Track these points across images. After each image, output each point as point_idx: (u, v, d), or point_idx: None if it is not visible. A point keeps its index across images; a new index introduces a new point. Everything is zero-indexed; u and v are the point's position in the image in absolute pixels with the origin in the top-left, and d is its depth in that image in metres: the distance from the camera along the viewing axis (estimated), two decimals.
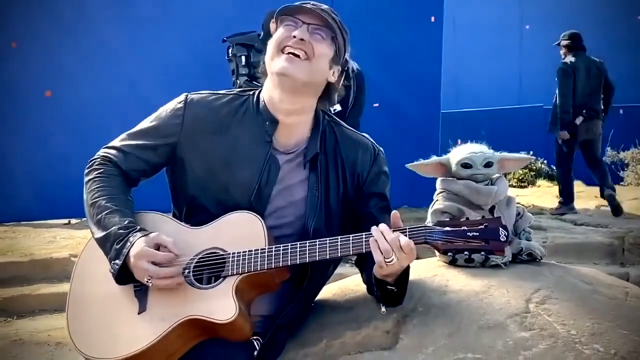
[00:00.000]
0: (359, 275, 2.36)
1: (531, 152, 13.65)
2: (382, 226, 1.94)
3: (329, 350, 2.13)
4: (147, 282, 1.98)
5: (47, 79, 8.34)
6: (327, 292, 2.46)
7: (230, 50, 7.72)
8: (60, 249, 6.66)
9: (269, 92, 2.23)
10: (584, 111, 8.83)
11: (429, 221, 2.37)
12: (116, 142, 2.26)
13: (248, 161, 2.18)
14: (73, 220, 8.33)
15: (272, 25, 7.26)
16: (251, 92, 2.29)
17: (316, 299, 2.38)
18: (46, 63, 8.32)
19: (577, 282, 2.31)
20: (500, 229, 1.92)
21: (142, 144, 2.22)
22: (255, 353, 2.08)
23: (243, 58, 7.58)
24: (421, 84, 9.07)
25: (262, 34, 7.76)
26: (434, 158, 2.55)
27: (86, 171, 2.22)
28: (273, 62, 2.16)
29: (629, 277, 6.42)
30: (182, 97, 2.28)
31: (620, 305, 2.19)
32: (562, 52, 9.09)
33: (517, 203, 2.51)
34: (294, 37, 2.13)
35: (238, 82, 7.59)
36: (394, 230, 1.95)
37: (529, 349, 1.96)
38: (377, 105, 8.66)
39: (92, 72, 8.39)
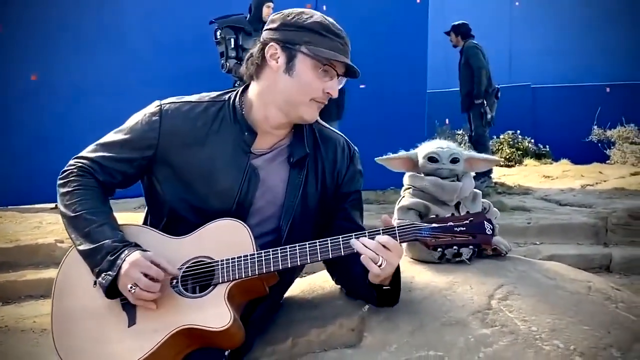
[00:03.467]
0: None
1: (518, 131, 13.75)
2: (362, 239, 2.00)
3: (295, 348, 2.16)
4: (130, 289, 1.95)
5: (33, 62, 8.31)
6: (296, 288, 2.49)
7: (218, 33, 7.72)
8: (46, 234, 6.68)
9: (262, 109, 2.19)
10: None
11: (395, 218, 2.42)
12: (90, 154, 2.20)
13: (227, 172, 2.16)
14: None
15: (266, 10, 7.22)
16: (226, 97, 2.25)
17: (285, 295, 2.42)
18: (32, 47, 8.29)
19: (540, 277, 2.34)
20: (485, 222, 2.01)
21: (118, 156, 2.17)
22: (227, 353, 2.10)
23: (232, 41, 7.60)
24: (407, 64, 9.06)
25: (249, 16, 7.78)
26: (402, 152, 2.58)
27: (61, 182, 2.17)
28: (299, 107, 2.15)
29: (612, 257, 6.53)
30: (156, 108, 2.21)
31: (582, 301, 2.22)
32: (454, 38, 9.81)
33: (483, 199, 2.54)
34: (328, 93, 2.14)
35: (227, 64, 7.62)
36: (383, 230, 2.01)
37: (490, 345, 2.00)
38: (363, 86, 8.67)
39: (79, 56, 8.37)
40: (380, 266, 1.96)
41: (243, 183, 2.16)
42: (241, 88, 2.27)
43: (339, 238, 2.02)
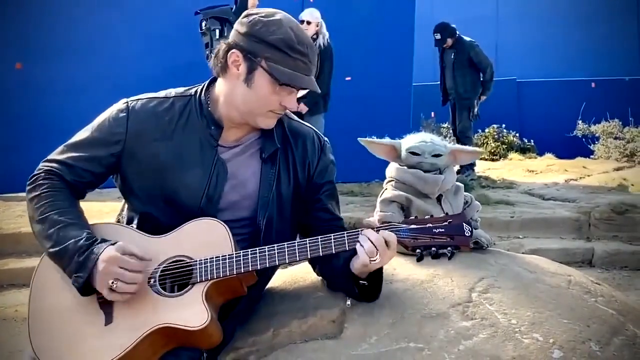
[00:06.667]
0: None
1: (504, 125, 13.81)
2: (367, 231, 2.01)
3: (276, 339, 2.17)
4: (112, 284, 1.93)
5: (18, 51, 8.27)
6: (278, 280, 2.49)
7: (203, 24, 7.69)
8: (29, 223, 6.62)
9: (225, 108, 2.19)
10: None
11: (377, 210, 2.43)
12: (57, 155, 2.19)
13: (195, 167, 2.16)
14: None
15: (252, 1, 7.16)
16: (192, 91, 2.26)
17: (267, 286, 2.42)
18: (16, 35, 8.24)
19: (520, 271, 2.36)
20: (464, 224, 2.01)
21: (86, 155, 2.16)
22: None
23: (217, 32, 7.56)
24: (393, 57, 9.08)
25: (234, 7, 7.75)
26: (387, 139, 2.58)
27: (29, 187, 2.15)
28: (257, 117, 2.15)
29: (594, 252, 6.57)
30: (123, 105, 2.21)
31: (562, 294, 2.24)
32: (449, 41, 9.71)
33: (465, 192, 2.55)
34: (285, 107, 2.15)
35: (212, 55, 7.59)
36: (362, 230, 2.02)
37: (470, 338, 2.01)
38: (349, 79, 8.67)
39: (63, 45, 8.33)
40: (374, 261, 1.99)
41: (211, 176, 2.16)
42: (207, 82, 2.27)
43: (317, 239, 2.02)
